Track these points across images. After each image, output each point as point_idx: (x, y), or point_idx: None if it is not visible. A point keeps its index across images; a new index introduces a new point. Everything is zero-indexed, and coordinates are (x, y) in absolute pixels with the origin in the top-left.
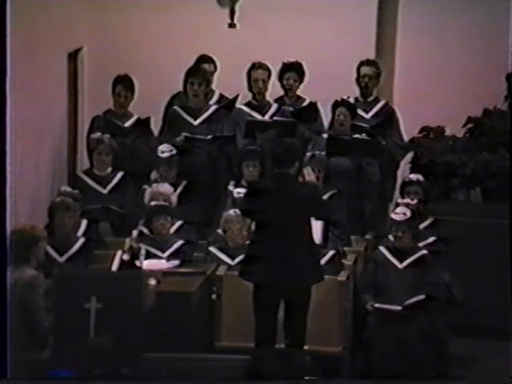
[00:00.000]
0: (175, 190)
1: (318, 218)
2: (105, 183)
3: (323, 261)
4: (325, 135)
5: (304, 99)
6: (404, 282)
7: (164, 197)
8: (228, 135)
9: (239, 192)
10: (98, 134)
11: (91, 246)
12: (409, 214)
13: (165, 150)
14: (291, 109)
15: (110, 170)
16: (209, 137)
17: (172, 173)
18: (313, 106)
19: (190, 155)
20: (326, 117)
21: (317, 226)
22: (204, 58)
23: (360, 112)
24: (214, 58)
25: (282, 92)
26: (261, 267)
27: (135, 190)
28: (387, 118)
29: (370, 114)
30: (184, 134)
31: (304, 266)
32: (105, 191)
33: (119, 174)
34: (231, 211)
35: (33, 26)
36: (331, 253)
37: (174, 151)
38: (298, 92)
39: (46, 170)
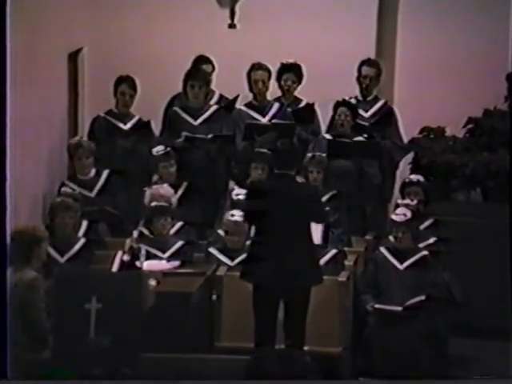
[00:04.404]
0: (175, 192)
1: (314, 221)
2: (90, 187)
3: (324, 261)
4: (327, 136)
5: (301, 100)
6: (404, 283)
7: (164, 198)
8: (228, 134)
9: (238, 194)
10: (75, 139)
11: (92, 246)
12: (409, 214)
13: (159, 150)
14: (288, 109)
15: (93, 173)
16: (209, 136)
17: (172, 169)
18: (310, 107)
19: (190, 156)
20: (323, 118)
21: (317, 227)
22: (202, 59)
23: (359, 111)
24: (212, 59)
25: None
26: (260, 268)
27: (127, 189)
28: (386, 116)
29: (369, 112)
30: (184, 133)
31: (303, 268)
32: (92, 194)
33: (104, 175)
34: (229, 215)
35: (33, 27)
36: (332, 252)
37: (168, 148)
38: (296, 92)
39: (47, 171)
